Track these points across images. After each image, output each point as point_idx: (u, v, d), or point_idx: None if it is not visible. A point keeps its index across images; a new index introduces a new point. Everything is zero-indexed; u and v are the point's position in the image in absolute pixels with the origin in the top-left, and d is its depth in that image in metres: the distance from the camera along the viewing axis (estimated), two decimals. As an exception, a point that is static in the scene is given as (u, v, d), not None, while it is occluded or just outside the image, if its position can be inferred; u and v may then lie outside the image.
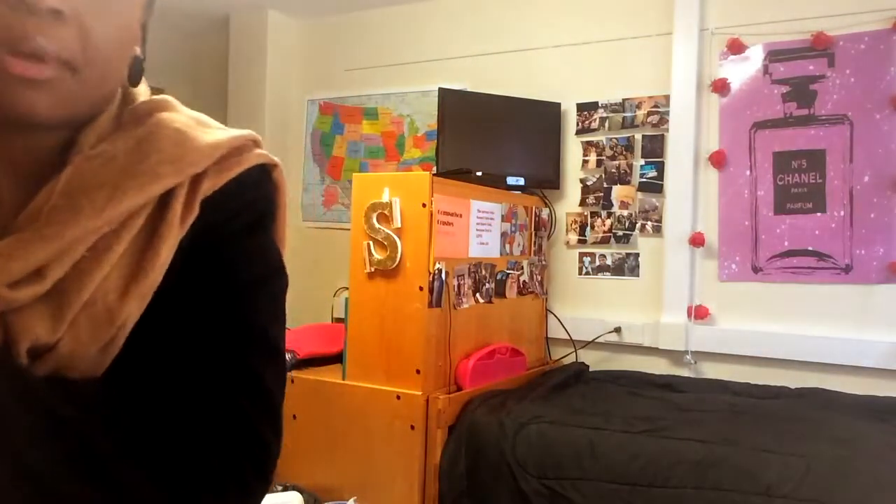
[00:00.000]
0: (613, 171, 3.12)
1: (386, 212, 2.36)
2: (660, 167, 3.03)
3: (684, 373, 2.92)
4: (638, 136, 3.08)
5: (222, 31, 3.88)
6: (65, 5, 0.51)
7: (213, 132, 0.65)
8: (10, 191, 0.57)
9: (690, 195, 2.94)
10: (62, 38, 0.51)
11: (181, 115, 0.65)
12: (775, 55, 2.83)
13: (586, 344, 3.08)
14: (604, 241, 3.13)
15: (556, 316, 3.15)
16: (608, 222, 3.12)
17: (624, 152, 3.10)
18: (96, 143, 0.59)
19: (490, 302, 2.70)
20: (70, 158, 0.57)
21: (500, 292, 2.77)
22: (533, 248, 3.01)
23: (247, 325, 0.63)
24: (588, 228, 3.16)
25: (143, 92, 0.67)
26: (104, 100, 0.60)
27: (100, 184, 0.55)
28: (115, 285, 0.55)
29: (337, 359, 2.62)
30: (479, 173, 2.73)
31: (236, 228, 0.64)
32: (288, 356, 2.51)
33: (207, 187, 0.62)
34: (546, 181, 3.15)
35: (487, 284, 2.67)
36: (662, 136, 3.03)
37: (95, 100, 0.58)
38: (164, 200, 0.59)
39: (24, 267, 0.51)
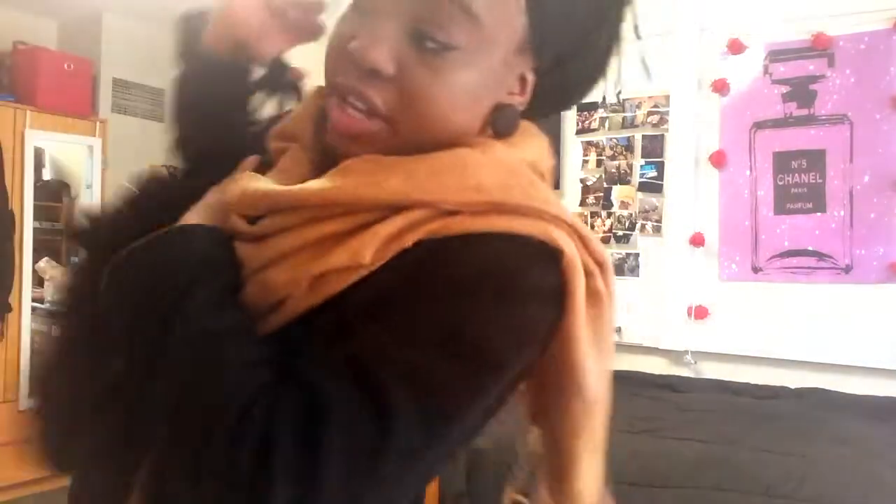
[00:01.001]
0: (613, 171, 3.12)
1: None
2: (660, 167, 3.03)
3: (684, 373, 2.92)
4: (638, 136, 3.08)
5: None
6: (386, 66, 0.55)
7: (512, 188, 0.54)
8: None
9: (690, 195, 2.94)
10: (381, 94, 0.55)
11: (495, 157, 0.57)
12: (775, 55, 2.83)
13: (586, 344, 3.08)
14: (604, 241, 3.13)
15: (556, 316, 3.15)
16: (608, 222, 3.12)
17: (624, 152, 3.10)
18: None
19: (490, 302, 2.70)
20: None
21: (500, 292, 2.77)
22: (533, 248, 3.00)
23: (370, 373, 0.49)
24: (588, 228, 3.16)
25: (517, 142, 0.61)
26: (429, 146, 0.57)
27: (342, 175, 0.55)
28: (286, 267, 0.54)
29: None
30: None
31: (448, 286, 0.52)
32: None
33: (440, 227, 0.52)
34: (546, 181, 3.15)
35: (487, 284, 2.67)
36: (662, 136, 3.03)
37: (415, 146, 0.56)
38: (383, 216, 0.53)
39: (250, 210, 0.57)
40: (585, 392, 0.58)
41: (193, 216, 0.60)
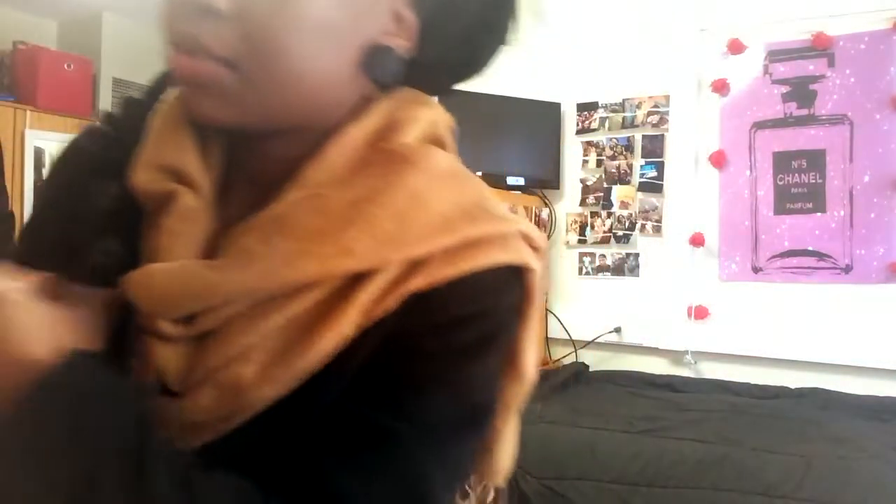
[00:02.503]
0: (613, 171, 3.12)
1: (386, 212, 2.35)
2: (660, 167, 3.03)
3: (684, 373, 2.92)
4: (638, 136, 3.08)
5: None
6: (220, 1, 0.45)
7: (473, 212, 0.50)
8: (240, 195, 0.54)
9: (690, 195, 2.94)
10: (217, 36, 0.46)
11: (438, 171, 0.52)
12: (775, 55, 2.83)
13: (586, 344, 3.08)
14: (604, 241, 3.13)
15: (556, 316, 3.15)
16: (608, 222, 3.12)
17: (624, 152, 3.10)
18: (329, 177, 0.50)
19: (490, 302, 2.69)
20: (286, 190, 0.50)
21: (500, 292, 2.76)
22: (533, 248, 3.00)
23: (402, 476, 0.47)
24: (588, 228, 3.16)
25: (421, 107, 0.55)
26: (297, 101, 0.49)
27: (291, 236, 0.47)
28: (256, 360, 0.46)
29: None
30: (478, 173, 2.73)
31: (443, 344, 0.49)
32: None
33: (421, 282, 0.48)
34: (546, 181, 3.15)
35: (487, 284, 2.67)
36: (662, 136, 3.03)
37: (277, 101, 0.49)
38: (356, 280, 0.47)
39: (187, 308, 0.47)
40: (525, 377, 0.57)
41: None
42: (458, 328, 0.49)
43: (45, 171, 3.83)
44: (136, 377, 0.48)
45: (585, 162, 3.18)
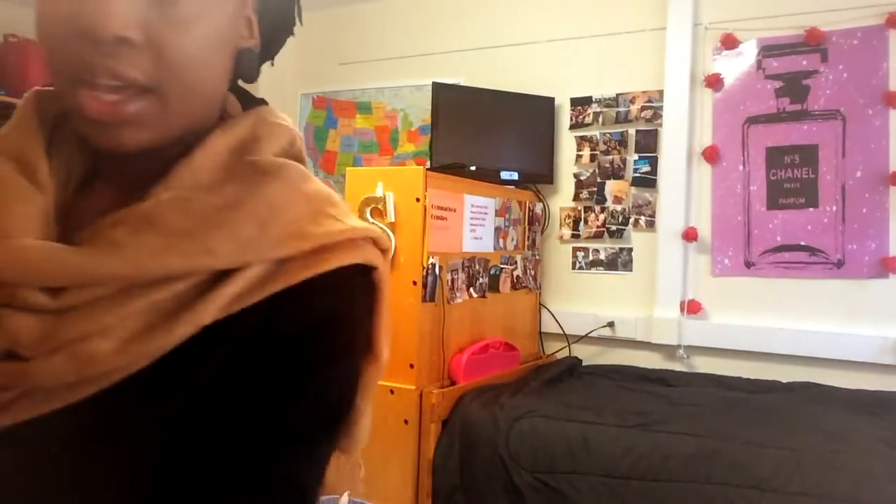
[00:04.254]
0: (607, 165, 3.12)
1: (380, 206, 2.36)
2: (653, 162, 3.03)
3: (677, 367, 2.93)
4: (632, 131, 3.08)
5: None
6: (133, 31, 0.48)
7: (323, 220, 0.55)
8: (112, 201, 0.56)
9: (684, 190, 2.95)
10: (135, 66, 0.49)
11: (294, 184, 0.56)
12: (769, 50, 2.84)
13: (579, 338, 3.09)
14: (597, 236, 3.13)
15: (549, 310, 3.15)
16: (601, 217, 3.13)
17: (617, 147, 3.10)
18: (195, 182, 0.54)
19: (484, 296, 2.70)
20: (154, 190, 0.53)
21: (494, 287, 2.77)
22: (526, 243, 3.01)
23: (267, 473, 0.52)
24: (581, 223, 3.17)
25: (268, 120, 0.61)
26: (199, 112, 0.55)
27: (158, 232, 0.50)
28: (115, 337, 0.49)
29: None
30: (472, 168, 2.73)
31: (290, 345, 0.53)
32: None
33: (282, 283, 0.53)
34: (540, 176, 3.16)
35: (481, 279, 2.68)
36: (656, 130, 3.03)
37: (187, 116, 0.54)
38: (218, 278, 0.52)
39: (58, 284, 0.50)
40: (380, 361, 0.62)
41: None
42: (320, 329, 0.53)
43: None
44: None
45: (579, 157, 3.18)
